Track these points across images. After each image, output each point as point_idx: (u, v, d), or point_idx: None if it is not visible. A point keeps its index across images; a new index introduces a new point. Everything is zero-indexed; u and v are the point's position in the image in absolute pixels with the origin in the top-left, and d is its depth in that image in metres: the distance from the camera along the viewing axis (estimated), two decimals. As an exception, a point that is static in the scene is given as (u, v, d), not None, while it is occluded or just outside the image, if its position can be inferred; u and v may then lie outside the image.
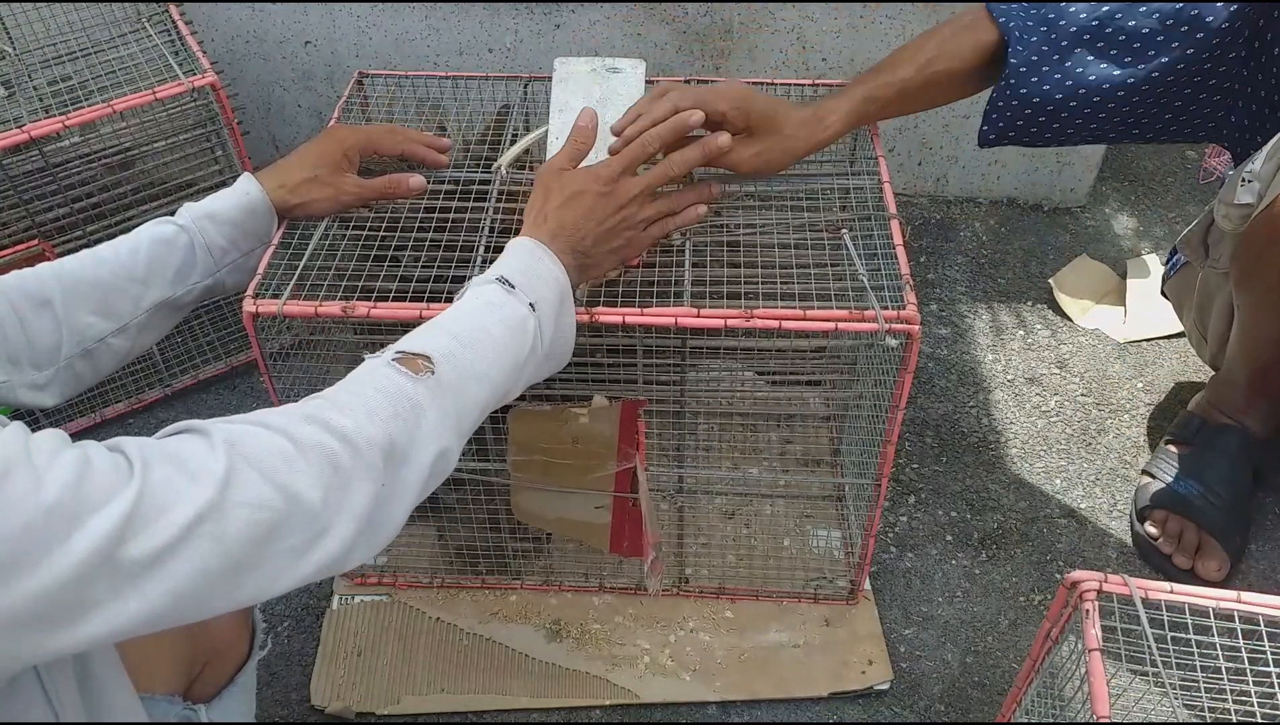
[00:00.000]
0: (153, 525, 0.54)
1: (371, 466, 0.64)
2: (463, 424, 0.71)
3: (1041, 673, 0.85)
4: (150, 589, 0.55)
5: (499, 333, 0.76)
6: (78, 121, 1.15)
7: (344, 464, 0.62)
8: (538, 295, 0.79)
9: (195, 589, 0.56)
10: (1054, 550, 1.25)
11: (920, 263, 1.64)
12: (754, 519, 1.24)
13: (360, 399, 0.66)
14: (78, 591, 0.52)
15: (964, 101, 1.61)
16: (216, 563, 0.57)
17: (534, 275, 0.80)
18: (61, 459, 0.53)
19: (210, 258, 0.91)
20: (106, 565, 0.53)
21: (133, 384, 1.39)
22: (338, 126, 1.03)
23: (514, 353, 0.76)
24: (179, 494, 0.56)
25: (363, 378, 0.69)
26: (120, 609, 0.54)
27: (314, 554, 0.61)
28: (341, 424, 0.63)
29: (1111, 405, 1.42)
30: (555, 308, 0.81)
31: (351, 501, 0.63)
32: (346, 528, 0.62)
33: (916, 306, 0.87)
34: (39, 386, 0.83)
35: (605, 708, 1.09)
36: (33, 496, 0.51)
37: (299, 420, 0.63)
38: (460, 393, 0.71)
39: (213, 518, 0.56)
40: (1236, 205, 1.01)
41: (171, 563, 0.55)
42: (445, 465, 0.70)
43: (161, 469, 0.56)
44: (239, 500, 0.58)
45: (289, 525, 0.60)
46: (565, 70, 1.03)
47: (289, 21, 1.61)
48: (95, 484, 0.54)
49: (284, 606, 1.19)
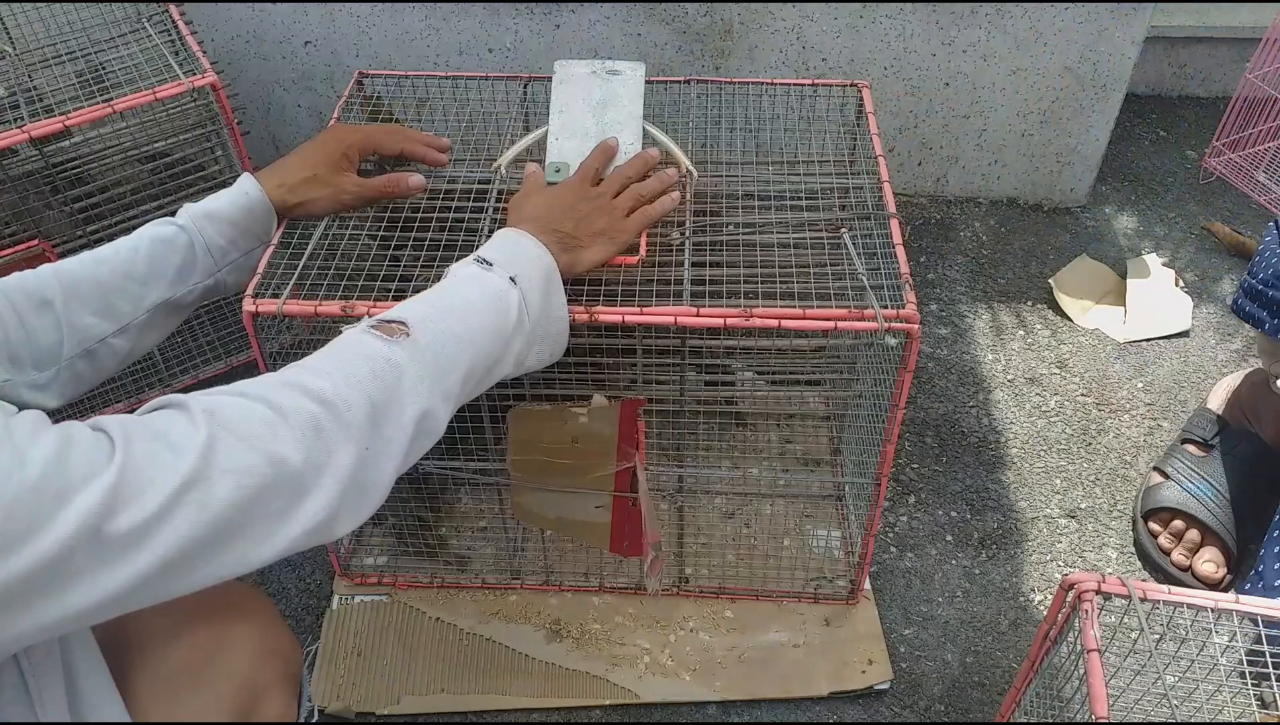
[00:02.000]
0: (138, 498, 0.55)
1: (352, 427, 0.64)
2: (445, 385, 0.72)
3: (1041, 673, 0.85)
4: (139, 559, 0.55)
5: (477, 299, 0.76)
6: (78, 121, 1.15)
7: (325, 426, 0.63)
8: (518, 269, 0.80)
9: (182, 557, 0.57)
10: (1054, 550, 1.25)
11: (920, 263, 1.64)
12: (754, 519, 1.24)
13: (337, 363, 0.67)
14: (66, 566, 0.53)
15: (964, 101, 1.62)
16: (203, 530, 0.57)
17: (513, 253, 0.81)
18: (43, 438, 0.54)
19: (210, 258, 0.91)
20: (94, 539, 0.53)
21: (132, 384, 1.39)
22: (338, 126, 1.03)
23: (495, 319, 0.77)
24: (162, 466, 0.56)
25: (339, 344, 0.70)
26: (108, 579, 0.54)
27: (298, 515, 0.62)
28: (320, 387, 0.64)
29: (1111, 405, 1.42)
30: (541, 284, 0.81)
31: (334, 463, 0.63)
32: (330, 489, 0.63)
33: (916, 306, 0.87)
34: (40, 387, 0.83)
35: (605, 708, 1.09)
36: (15, 475, 0.52)
37: (277, 386, 0.64)
38: (440, 355, 0.71)
39: (197, 486, 0.57)
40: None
41: (158, 533, 0.56)
42: (431, 426, 0.70)
43: (143, 443, 0.57)
44: (223, 467, 0.58)
45: (273, 489, 0.60)
46: (565, 72, 1.03)
47: (289, 21, 1.61)
48: (78, 461, 0.54)
49: (284, 607, 1.19)
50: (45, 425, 0.56)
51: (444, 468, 1.07)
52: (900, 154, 1.71)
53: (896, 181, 1.73)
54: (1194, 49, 1.98)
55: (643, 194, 0.93)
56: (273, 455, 0.60)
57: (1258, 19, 1.89)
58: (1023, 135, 1.67)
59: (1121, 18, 1.54)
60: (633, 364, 0.97)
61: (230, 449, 0.59)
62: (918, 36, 1.57)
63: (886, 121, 1.66)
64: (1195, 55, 1.99)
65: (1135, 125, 1.93)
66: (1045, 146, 1.69)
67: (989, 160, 1.71)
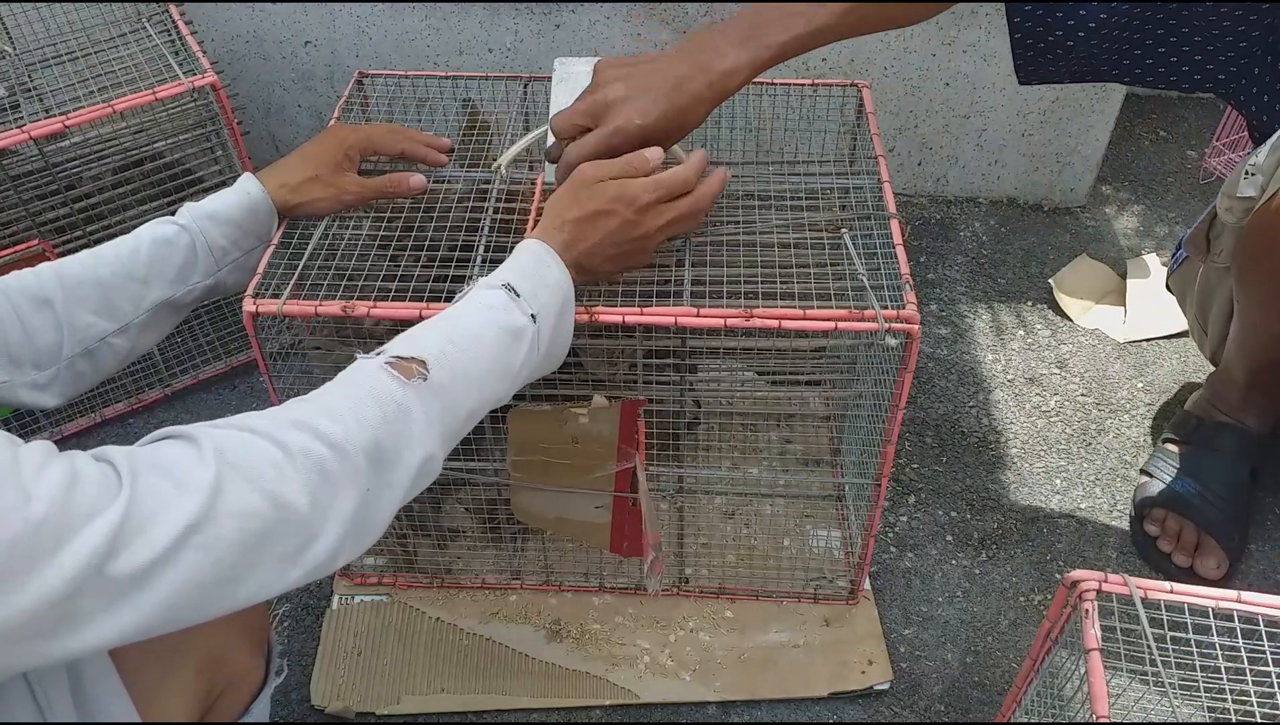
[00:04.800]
0: (142, 537, 0.54)
1: (358, 472, 0.64)
2: (449, 430, 0.72)
3: (1041, 673, 0.85)
4: (142, 600, 0.55)
5: (495, 339, 0.75)
6: (78, 121, 1.15)
7: (331, 470, 0.62)
8: (540, 304, 0.79)
9: (186, 599, 0.56)
10: (1054, 550, 1.25)
11: (920, 263, 1.64)
12: (754, 519, 1.24)
13: (349, 403, 0.66)
14: (68, 605, 0.52)
15: (964, 101, 1.62)
16: (208, 573, 0.57)
17: (539, 282, 0.80)
18: (49, 472, 0.53)
19: (211, 257, 0.91)
20: (97, 579, 0.53)
21: (132, 384, 1.39)
22: (338, 126, 1.03)
23: (508, 361, 0.76)
24: (168, 505, 0.56)
25: (354, 380, 0.68)
26: (112, 621, 0.54)
27: (303, 559, 0.61)
28: (330, 430, 0.63)
29: (1111, 405, 1.42)
30: (556, 315, 0.81)
31: (338, 507, 0.63)
32: (334, 533, 0.62)
33: (916, 306, 0.87)
34: (40, 386, 0.83)
35: (605, 708, 1.09)
36: (20, 511, 0.51)
37: (286, 425, 0.63)
38: (450, 399, 0.71)
39: (202, 528, 0.56)
40: (1239, 198, 1.01)
41: (162, 574, 0.55)
42: (430, 469, 0.70)
43: (149, 479, 0.56)
44: (228, 510, 0.57)
45: (278, 533, 0.60)
46: (565, 70, 1.03)
47: (289, 21, 1.61)
48: (83, 497, 0.53)
49: (284, 606, 1.19)
50: (53, 457, 0.55)
51: (444, 468, 1.06)
52: (900, 154, 1.71)
53: (896, 181, 1.73)
54: (1194, 49, 1.98)
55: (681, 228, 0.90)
56: (278, 499, 0.59)
57: (1257, 19, 1.89)
58: (1023, 135, 1.67)
59: (1121, 18, 1.54)
60: (633, 364, 0.97)
61: (237, 490, 0.58)
62: (918, 36, 1.57)
63: (886, 121, 1.66)
64: (1195, 55, 1.99)
65: (1135, 125, 1.93)
66: (1045, 146, 1.69)
67: (989, 160, 1.71)
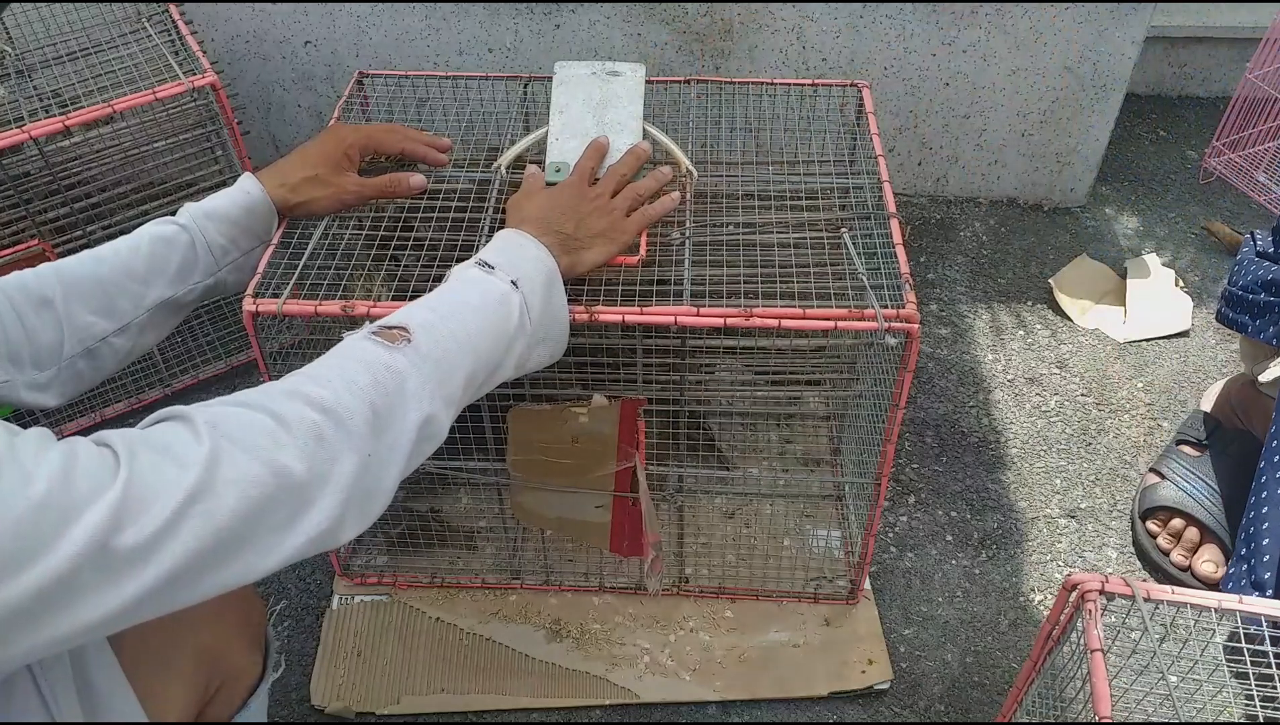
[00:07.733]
0: (144, 513, 0.55)
1: (355, 435, 0.64)
2: (447, 390, 0.72)
3: (1043, 673, 0.85)
4: (146, 573, 0.55)
5: (478, 303, 0.76)
6: (78, 121, 1.15)
7: (327, 435, 0.63)
8: (520, 272, 0.80)
9: (188, 570, 0.57)
10: (1054, 550, 1.25)
11: (920, 263, 1.64)
12: (754, 519, 1.24)
13: (338, 371, 0.67)
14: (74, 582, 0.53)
15: (964, 101, 1.62)
16: (209, 543, 0.57)
17: (515, 257, 0.81)
18: (48, 455, 0.54)
19: (211, 257, 0.91)
20: (101, 555, 0.53)
21: (133, 384, 1.39)
22: (338, 125, 1.03)
23: (497, 324, 0.77)
24: (167, 479, 0.56)
25: (341, 350, 0.69)
26: (116, 594, 0.54)
27: (302, 525, 0.61)
28: (321, 396, 0.64)
29: (1111, 405, 1.42)
30: (543, 287, 0.81)
31: (338, 472, 0.63)
32: (334, 498, 0.63)
33: (916, 305, 0.87)
34: (40, 386, 0.83)
35: (605, 708, 1.09)
36: (22, 493, 0.51)
37: (279, 396, 0.64)
38: (441, 361, 0.71)
39: (203, 498, 0.57)
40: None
41: (165, 547, 0.55)
42: (434, 431, 0.70)
43: (148, 457, 0.57)
44: (227, 479, 0.58)
45: (277, 500, 0.60)
46: (566, 73, 1.03)
47: (289, 21, 1.61)
48: (83, 477, 0.54)
49: (284, 606, 1.19)
50: (50, 442, 0.55)
51: (444, 468, 1.07)
52: (900, 154, 1.71)
53: (896, 181, 1.73)
54: (1194, 49, 1.98)
55: (640, 193, 0.93)
56: (276, 465, 0.60)
57: (1258, 19, 1.89)
58: (1023, 135, 1.67)
59: (1121, 18, 1.54)
60: (633, 364, 0.97)
61: (234, 460, 0.59)
62: (918, 36, 1.57)
63: (886, 121, 1.66)
64: (1195, 55, 1.99)
65: (1135, 125, 1.93)
66: (1045, 146, 1.69)
67: (989, 160, 1.71)
